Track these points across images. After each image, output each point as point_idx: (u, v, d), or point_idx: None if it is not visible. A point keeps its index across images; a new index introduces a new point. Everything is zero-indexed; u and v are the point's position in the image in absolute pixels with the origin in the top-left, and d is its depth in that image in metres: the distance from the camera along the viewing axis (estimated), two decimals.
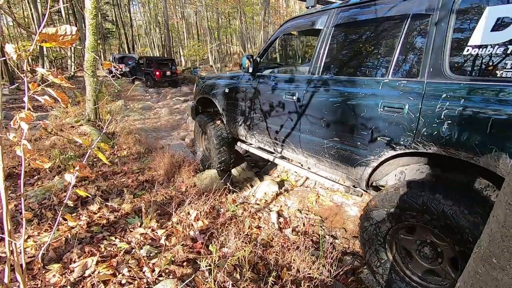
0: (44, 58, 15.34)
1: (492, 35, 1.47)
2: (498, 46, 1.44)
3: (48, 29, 1.02)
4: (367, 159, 1.97)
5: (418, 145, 1.66)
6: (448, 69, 1.61)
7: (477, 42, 1.52)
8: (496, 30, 1.46)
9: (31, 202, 2.68)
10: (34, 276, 1.73)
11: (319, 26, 2.45)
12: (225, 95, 3.42)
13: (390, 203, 1.77)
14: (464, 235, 1.46)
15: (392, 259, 1.90)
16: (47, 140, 4.68)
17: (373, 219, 1.88)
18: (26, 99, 1.09)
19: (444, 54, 1.62)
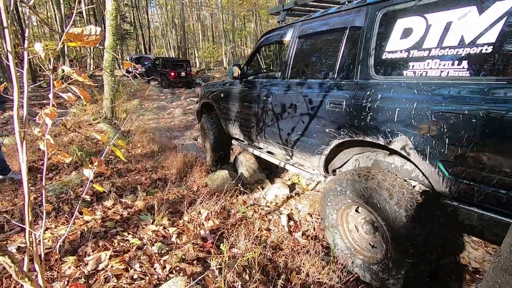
0: (65, 57, 15.87)
1: (400, 43, 1.83)
2: (404, 51, 1.80)
3: (74, 29, 1.06)
4: (321, 148, 2.35)
5: (353, 134, 2.02)
6: (372, 70, 1.97)
7: (391, 49, 1.88)
8: (403, 38, 1.82)
9: (49, 195, 2.78)
10: (50, 267, 1.79)
11: (288, 38, 2.85)
12: (220, 99, 3.86)
13: (339, 186, 2.06)
14: (383, 213, 1.75)
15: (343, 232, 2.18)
16: (65, 136, 4.84)
17: (329, 197, 2.17)
18: (51, 95, 1.13)
19: (370, 58, 1.98)
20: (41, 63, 1.79)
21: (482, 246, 2.47)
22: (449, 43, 1.60)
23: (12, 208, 2.53)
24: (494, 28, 1.44)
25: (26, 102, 1.14)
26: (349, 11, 2.22)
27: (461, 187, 1.52)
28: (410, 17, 1.79)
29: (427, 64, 1.69)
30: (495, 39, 1.42)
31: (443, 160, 1.56)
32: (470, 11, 1.53)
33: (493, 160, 1.37)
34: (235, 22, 29.48)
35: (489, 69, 1.45)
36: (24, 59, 1.13)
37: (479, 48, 1.48)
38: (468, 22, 1.53)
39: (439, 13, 1.66)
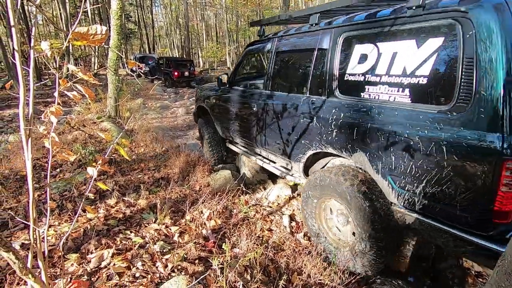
0: (70, 56, 15.99)
1: (359, 67, 2.00)
2: (362, 75, 1.98)
3: (80, 28, 1.07)
4: (299, 156, 2.55)
5: (322, 146, 2.24)
6: (337, 90, 2.16)
7: (351, 72, 2.06)
8: (360, 63, 1.99)
9: (53, 193, 2.80)
10: (53, 264, 1.80)
11: (267, 50, 3.05)
12: (212, 104, 4.08)
13: (313, 185, 2.27)
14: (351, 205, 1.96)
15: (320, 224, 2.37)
16: (69, 134, 4.88)
17: (306, 195, 2.37)
18: (57, 94, 1.14)
19: (335, 78, 2.17)
20: (47, 62, 1.80)
21: None
22: (395, 72, 1.79)
23: (16, 205, 2.56)
24: (429, 62, 1.62)
25: (31, 100, 1.15)
26: (318, 32, 2.38)
27: (405, 197, 1.75)
28: (365, 44, 1.98)
29: (379, 88, 1.88)
30: (429, 72, 1.61)
31: (391, 174, 1.78)
32: (410, 44, 1.71)
33: (426, 177, 1.60)
34: (239, 22, 29.50)
35: (425, 98, 1.64)
36: (30, 57, 1.14)
37: (417, 78, 1.67)
38: (409, 54, 1.71)
39: (387, 43, 1.84)
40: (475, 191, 1.43)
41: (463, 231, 1.52)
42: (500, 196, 1.36)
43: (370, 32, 1.95)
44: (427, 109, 1.61)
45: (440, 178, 1.54)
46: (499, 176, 1.34)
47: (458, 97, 1.48)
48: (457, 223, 1.54)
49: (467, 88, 1.45)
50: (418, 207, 1.70)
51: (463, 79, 1.47)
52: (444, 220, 1.60)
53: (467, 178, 1.44)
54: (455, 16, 1.50)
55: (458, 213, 1.51)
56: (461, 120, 1.46)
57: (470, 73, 1.44)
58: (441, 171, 1.52)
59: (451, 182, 1.50)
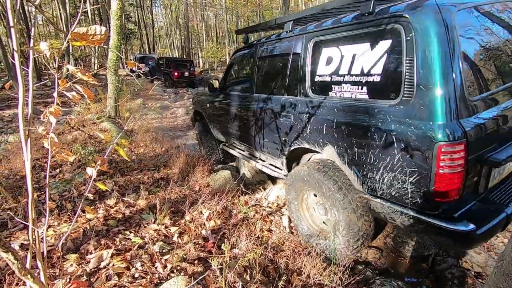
0: (70, 56, 15.99)
1: (326, 68, 2.19)
2: (329, 76, 2.17)
3: (79, 29, 1.07)
4: (281, 153, 2.75)
5: (299, 142, 2.43)
6: (309, 90, 2.35)
7: (320, 73, 2.25)
8: (327, 65, 2.18)
9: (52, 193, 2.80)
10: (52, 265, 1.80)
11: (251, 57, 3.26)
12: (206, 108, 4.31)
13: (294, 179, 2.46)
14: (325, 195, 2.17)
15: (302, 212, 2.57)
16: (69, 134, 4.87)
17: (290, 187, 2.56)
18: (56, 94, 1.14)
19: (307, 80, 2.37)
20: (46, 62, 1.80)
21: (485, 250, 2.45)
22: (355, 72, 1.97)
23: (15, 206, 2.56)
24: (378, 61, 1.81)
25: (31, 100, 1.15)
26: (292, 38, 2.59)
27: (368, 184, 1.91)
28: (330, 48, 2.17)
29: (343, 87, 2.07)
30: (381, 70, 1.80)
31: (355, 164, 1.95)
32: (366, 46, 1.89)
33: (383, 164, 1.77)
34: (239, 22, 29.52)
35: (378, 92, 1.83)
36: (30, 57, 1.14)
37: (372, 77, 1.86)
38: (365, 55, 1.89)
39: (348, 46, 2.03)
40: (420, 174, 1.60)
41: (416, 211, 1.68)
42: (439, 177, 1.52)
43: (335, 37, 2.14)
44: (381, 104, 1.80)
45: (393, 164, 1.72)
46: (437, 159, 1.51)
47: (404, 93, 1.67)
48: (410, 204, 1.70)
49: (410, 84, 1.64)
50: (379, 192, 1.86)
51: (406, 76, 1.65)
52: (400, 202, 1.76)
53: (413, 163, 1.62)
54: (399, 21, 1.69)
55: (409, 195, 1.68)
56: (406, 112, 1.65)
57: (411, 71, 1.63)
58: (393, 158, 1.70)
59: (401, 168, 1.68)
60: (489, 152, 1.64)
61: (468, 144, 1.51)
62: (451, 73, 1.52)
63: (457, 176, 1.52)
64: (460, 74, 1.54)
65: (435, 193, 1.55)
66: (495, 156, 1.63)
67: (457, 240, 1.61)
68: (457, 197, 1.58)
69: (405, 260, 2.45)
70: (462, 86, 1.54)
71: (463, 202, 1.64)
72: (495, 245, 2.55)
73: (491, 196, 1.79)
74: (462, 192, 1.59)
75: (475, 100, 1.61)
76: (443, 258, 2.37)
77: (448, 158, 1.50)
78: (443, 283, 2.14)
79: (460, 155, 1.50)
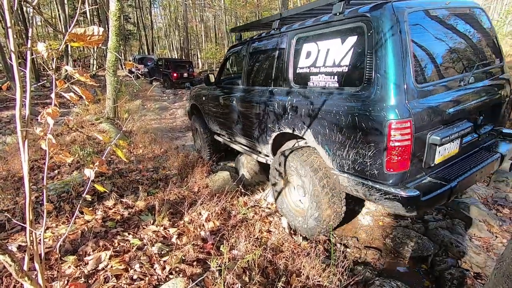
0: (69, 57, 15.95)
1: (306, 61, 2.49)
2: (307, 68, 2.47)
3: (77, 29, 1.06)
4: (266, 139, 3.02)
5: (282, 128, 2.72)
6: (292, 81, 2.64)
7: (301, 65, 2.55)
8: (307, 58, 2.48)
9: (50, 195, 2.78)
10: (50, 266, 1.79)
11: (243, 52, 3.55)
12: (202, 101, 4.54)
13: (275, 162, 2.81)
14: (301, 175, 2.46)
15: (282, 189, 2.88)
16: (67, 135, 4.86)
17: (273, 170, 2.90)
18: (54, 95, 1.14)
19: (290, 72, 2.66)
20: (45, 63, 1.80)
21: (484, 251, 2.45)
22: (328, 64, 2.27)
23: (13, 207, 2.54)
24: (347, 55, 2.10)
25: (28, 101, 1.14)
26: (279, 35, 2.88)
27: (337, 161, 2.21)
28: (311, 43, 2.45)
29: (319, 77, 2.37)
30: (348, 62, 2.10)
31: (327, 144, 2.25)
32: (337, 42, 2.19)
33: (348, 142, 2.07)
34: (238, 23, 29.54)
35: (346, 81, 2.13)
36: (28, 58, 1.14)
37: (341, 68, 2.16)
38: (336, 49, 2.20)
39: (323, 42, 2.33)
40: (376, 148, 1.89)
41: (373, 181, 1.99)
42: (390, 150, 1.82)
43: (313, 34, 2.45)
44: (348, 91, 2.10)
45: (356, 142, 2.01)
46: (388, 134, 1.80)
47: (365, 80, 1.97)
48: (369, 176, 2.00)
49: (369, 73, 1.94)
50: (346, 168, 2.16)
51: (367, 67, 1.95)
52: (361, 175, 2.06)
53: (371, 139, 1.91)
54: (363, 20, 1.99)
55: (368, 168, 1.98)
56: (367, 97, 1.94)
57: (371, 62, 1.92)
58: (356, 136, 2.00)
59: (362, 144, 1.97)
60: (432, 131, 1.93)
61: (414, 122, 1.80)
62: (402, 64, 1.82)
63: (405, 149, 1.82)
64: (410, 65, 1.84)
65: (388, 163, 1.86)
66: (436, 135, 1.91)
67: (405, 204, 1.86)
68: (406, 168, 1.88)
69: (404, 260, 2.45)
70: (410, 75, 1.84)
71: (412, 174, 1.95)
72: (494, 246, 2.55)
73: (438, 171, 2.11)
74: (411, 164, 1.88)
75: (422, 88, 1.91)
76: (442, 259, 2.37)
77: (397, 134, 1.79)
78: (442, 284, 2.14)
79: (407, 131, 1.79)
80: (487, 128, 2.43)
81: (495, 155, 2.35)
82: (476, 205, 3.06)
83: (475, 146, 2.40)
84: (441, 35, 2.14)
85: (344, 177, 2.19)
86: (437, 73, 2.06)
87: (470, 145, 2.30)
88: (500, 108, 2.50)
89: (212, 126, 4.46)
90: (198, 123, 4.78)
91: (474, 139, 2.31)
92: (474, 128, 2.22)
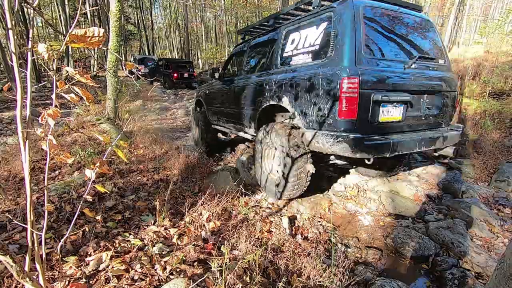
0: (69, 58, 15.96)
1: (290, 47, 3.16)
2: (291, 52, 3.14)
3: (77, 31, 1.07)
4: (254, 115, 3.59)
5: (268, 101, 3.25)
6: (279, 64, 3.29)
7: (287, 51, 3.22)
8: (291, 44, 3.15)
9: (51, 195, 2.79)
10: (51, 267, 1.79)
11: (245, 48, 4.29)
12: (206, 94, 5.30)
13: (261, 136, 3.33)
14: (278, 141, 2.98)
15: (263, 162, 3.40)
16: (68, 136, 4.87)
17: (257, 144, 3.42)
18: (54, 96, 1.14)
19: (278, 57, 3.32)
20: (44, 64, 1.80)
21: (485, 251, 2.45)
22: (306, 45, 2.93)
23: (15, 208, 2.55)
24: (319, 37, 2.78)
25: (29, 102, 1.15)
26: (273, 30, 3.62)
27: (306, 120, 2.74)
28: (295, 33, 3.13)
29: (298, 58, 3.01)
30: (320, 42, 2.76)
31: (299, 106, 2.80)
32: (314, 28, 2.87)
33: (314, 101, 2.64)
34: (238, 23, 29.52)
35: (317, 56, 2.77)
36: (28, 59, 1.14)
37: (315, 47, 2.82)
38: (312, 34, 2.87)
39: (304, 30, 3.00)
40: (332, 101, 2.45)
41: (330, 130, 2.51)
42: (342, 100, 2.37)
43: (297, 25, 3.12)
44: (317, 62, 2.70)
45: (318, 99, 2.57)
46: (341, 88, 2.36)
47: (329, 53, 2.60)
48: (327, 126, 2.54)
49: (333, 47, 2.57)
50: (311, 124, 2.69)
51: (331, 43, 2.59)
52: (321, 127, 2.59)
53: (329, 93, 2.47)
54: (332, 10, 2.67)
55: (326, 120, 2.53)
56: (329, 63, 2.55)
57: (334, 39, 2.57)
58: (319, 94, 2.57)
59: (323, 100, 2.54)
60: (376, 92, 2.44)
61: (360, 80, 2.35)
62: (354, 40, 2.46)
63: (353, 100, 2.36)
64: (360, 42, 2.47)
65: (339, 111, 2.39)
66: (378, 95, 2.44)
67: (351, 145, 2.36)
68: (354, 117, 2.40)
69: (405, 260, 2.44)
70: (361, 49, 2.47)
71: (360, 125, 2.45)
72: (495, 246, 2.54)
73: (384, 132, 2.62)
74: (358, 115, 2.40)
75: (369, 59, 2.51)
76: (443, 259, 2.37)
77: (348, 87, 2.34)
78: (443, 284, 2.14)
79: (355, 86, 2.35)
80: (432, 112, 2.93)
81: (438, 134, 2.89)
82: (477, 204, 3.06)
83: (421, 124, 2.92)
84: (389, 28, 2.77)
85: (309, 132, 2.70)
86: (383, 52, 2.67)
87: (415, 120, 2.83)
88: (443, 99, 3.00)
89: (211, 117, 5.17)
90: (200, 118, 5.43)
91: (419, 116, 2.84)
92: (415, 104, 2.77)
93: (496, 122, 5.34)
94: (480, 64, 8.80)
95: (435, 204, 3.35)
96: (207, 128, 5.26)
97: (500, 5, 23.60)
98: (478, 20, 22.88)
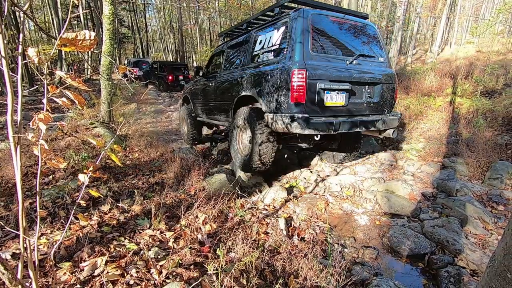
0: (63, 61, 15.81)
1: (258, 47, 3.75)
2: (258, 51, 3.73)
3: (68, 34, 1.06)
4: (230, 105, 4.09)
5: (241, 92, 3.72)
6: (249, 61, 3.86)
7: (255, 50, 3.81)
8: (259, 45, 3.74)
9: (45, 200, 2.75)
10: (45, 273, 1.77)
11: (223, 49, 4.87)
12: (192, 91, 5.89)
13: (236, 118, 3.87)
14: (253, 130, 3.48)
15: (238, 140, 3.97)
16: (62, 140, 4.81)
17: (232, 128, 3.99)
18: (45, 100, 1.13)
19: (249, 55, 3.89)
20: (35, 68, 1.78)
21: (480, 248, 2.47)
22: (269, 45, 3.52)
23: (7, 214, 2.51)
24: (279, 38, 3.34)
25: (20, 107, 1.13)
26: (246, 33, 4.18)
27: (268, 105, 3.28)
28: (262, 35, 3.73)
29: (264, 55, 3.60)
30: (279, 42, 3.33)
31: (263, 95, 3.33)
32: (275, 31, 3.43)
33: (272, 89, 3.19)
34: (232, 25, 29.49)
35: (277, 54, 3.33)
36: (19, 64, 1.12)
37: (275, 46, 3.39)
38: (274, 36, 3.44)
39: (268, 33, 3.58)
40: (286, 89, 2.99)
41: (285, 113, 3.03)
42: (292, 88, 2.92)
43: (263, 28, 3.71)
44: (277, 59, 3.25)
45: (276, 88, 3.11)
46: (291, 78, 2.92)
47: (285, 51, 3.14)
48: (283, 110, 3.07)
49: (288, 47, 3.12)
50: (271, 108, 3.22)
51: (288, 44, 3.13)
52: (278, 111, 3.12)
53: (284, 83, 3.01)
54: (288, 17, 3.23)
55: (282, 104, 3.06)
56: (286, 60, 3.08)
57: (289, 40, 3.13)
58: (276, 83, 3.11)
59: (280, 88, 3.07)
60: (320, 81, 3.01)
61: (307, 72, 2.92)
62: (304, 40, 3.02)
63: (302, 88, 2.91)
64: (308, 41, 3.05)
65: (291, 97, 2.94)
66: (322, 83, 3.02)
67: (300, 123, 2.88)
68: (303, 101, 2.95)
69: (401, 259, 2.46)
70: (308, 47, 3.04)
71: (308, 108, 3.00)
72: (489, 243, 2.57)
73: (330, 115, 3.19)
74: (306, 99, 2.96)
75: (315, 55, 3.08)
76: (439, 257, 2.38)
77: (297, 77, 2.89)
78: (439, 282, 2.15)
79: (303, 76, 2.91)
80: (373, 100, 3.51)
81: (378, 117, 3.47)
82: (471, 202, 3.09)
83: (364, 109, 3.47)
84: (335, 31, 3.35)
85: (270, 115, 3.17)
86: (327, 49, 3.23)
87: (358, 105, 3.40)
88: (383, 89, 3.55)
89: (196, 111, 5.75)
90: (187, 112, 5.97)
91: (361, 103, 3.41)
92: (358, 93, 3.37)
93: (489, 121, 5.41)
94: (472, 63, 8.91)
95: (430, 203, 3.38)
96: (193, 122, 5.82)
97: (490, 5, 23.99)
98: (470, 20, 23.21)
